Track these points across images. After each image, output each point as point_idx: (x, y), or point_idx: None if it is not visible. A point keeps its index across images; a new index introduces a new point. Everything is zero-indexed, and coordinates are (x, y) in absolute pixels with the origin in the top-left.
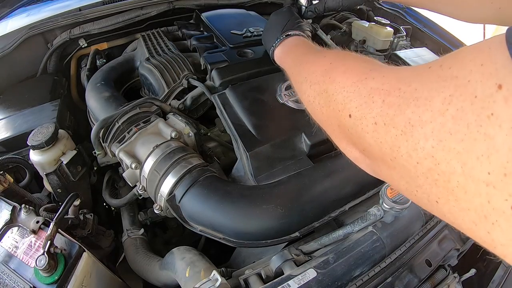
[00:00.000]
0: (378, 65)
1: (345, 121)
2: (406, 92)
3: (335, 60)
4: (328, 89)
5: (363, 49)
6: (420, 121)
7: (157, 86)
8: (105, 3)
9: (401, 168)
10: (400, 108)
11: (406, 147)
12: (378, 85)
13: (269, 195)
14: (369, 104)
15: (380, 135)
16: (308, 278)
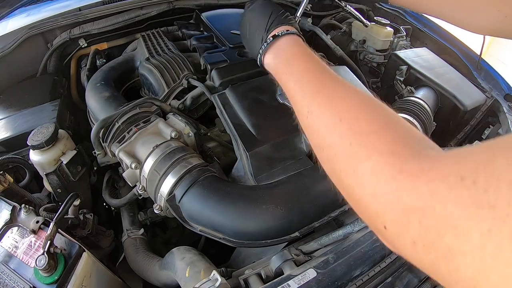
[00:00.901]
0: (409, 157)
1: (381, 229)
2: (442, 215)
3: (358, 141)
4: (354, 187)
5: (363, 49)
6: (460, 250)
7: (157, 86)
8: (105, 3)
9: (441, 279)
10: (439, 234)
11: (446, 268)
12: (412, 200)
13: (269, 195)
14: (405, 224)
15: (419, 254)
16: (308, 278)
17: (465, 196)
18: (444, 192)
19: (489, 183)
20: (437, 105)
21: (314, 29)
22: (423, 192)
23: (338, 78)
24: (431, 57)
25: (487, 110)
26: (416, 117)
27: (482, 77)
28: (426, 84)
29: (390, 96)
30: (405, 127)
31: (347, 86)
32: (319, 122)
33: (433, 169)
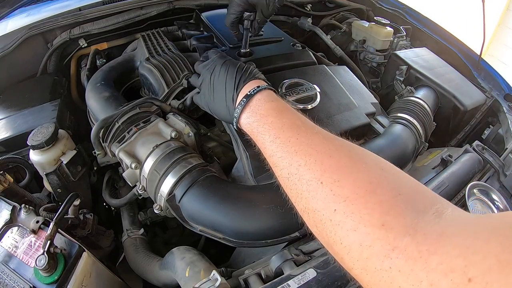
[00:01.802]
0: (402, 231)
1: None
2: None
3: (342, 207)
4: (344, 258)
5: (363, 49)
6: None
7: (157, 86)
8: (105, 3)
9: None
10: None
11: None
12: (407, 285)
13: (269, 195)
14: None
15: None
16: (308, 278)
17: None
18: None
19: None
20: (437, 105)
21: (314, 29)
22: (421, 279)
23: (317, 132)
24: (431, 57)
25: (487, 110)
26: (416, 117)
27: (482, 77)
28: (426, 84)
29: (390, 96)
30: (397, 185)
31: (328, 141)
32: (300, 185)
33: (434, 255)
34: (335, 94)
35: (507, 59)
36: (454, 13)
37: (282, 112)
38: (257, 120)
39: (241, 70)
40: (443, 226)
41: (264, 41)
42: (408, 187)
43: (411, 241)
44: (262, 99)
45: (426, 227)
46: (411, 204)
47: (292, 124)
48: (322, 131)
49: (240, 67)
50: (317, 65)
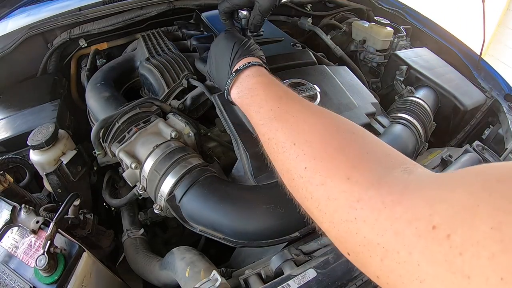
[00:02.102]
0: (367, 184)
1: (346, 254)
2: (407, 262)
3: (311, 165)
4: (313, 212)
5: (363, 49)
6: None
7: (157, 86)
8: (105, 3)
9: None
10: (403, 281)
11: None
12: (373, 235)
13: (269, 195)
14: (366, 257)
15: (384, 286)
16: (308, 278)
17: (436, 251)
18: (411, 237)
19: (466, 246)
20: (437, 105)
21: (314, 29)
22: (385, 228)
23: (297, 101)
24: (431, 57)
25: (487, 110)
26: (416, 117)
27: (482, 77)
28: (426, 84)
29: (390, 96)
30: (366, 145)
31: (305, 107)
32: (277, 148)
33: (399, 205)
34: (335, 94)
35: (507, 59)
36: (454, 13)
37: (267, 85)
38: (246, 94)
39: (239, 45)
40: (410, 180)
41: (264, 41)
42: (378, 148)
43: (376, 193)
44: (251, 75)
45: (392, 181)
46: (379, 162)
47: (275, 95)
48: (303, 100)
49: (238, 42)
50: (317, 65)
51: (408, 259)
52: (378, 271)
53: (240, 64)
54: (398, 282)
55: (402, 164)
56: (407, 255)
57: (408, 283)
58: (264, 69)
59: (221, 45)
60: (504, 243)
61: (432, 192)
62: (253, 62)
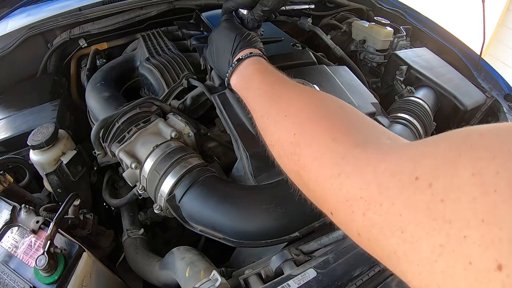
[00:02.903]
0: (352, 144)
1: (329, 214)
2: (389, 213)
3: (300, 130)
4: (301, 174)
5: (363, 49)
6: (406, 257)
7: (157, 86)
8: (105, 3)
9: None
10: (384, 232)
11: (394, 270)
12: (355, 189)
13: (269, 195)
14: (349, 213)
15: (366, 246)
16: (308, 278)
17: (418, 200)
18: (394, 188)
19: (448, 192)
20: (437, 105)
21: (314, 29)
22: (369, 182)
23: (291, 83)
24: (431, 57)
25: (487, 110)
26: (416, 117)
27: (482, 77)
28: (426, 84)
29: (390, 96)
30: (353, 117)
31: (298, 88)
32: (269, 122)
33: (384, 161)
34: (335, 94)
35: (507, 59)
36: (454, 13)
37: (264, 72)
38: (244, 79)
39: (241, 36)
40: (394, 144)
41: (264, 41)
42: (364, 120)
43: (361, 151)
44: (250, 63)
45: (379, 144)
46: (366, 129)
47: (270, 80)
48: (297, 84)
49: (240, 33)
50: (317, 65)
51: (390, 209)
52: (360, 226)
53: (242, 54)
54: (380, 235)
55: (387, 134)
56: (390, 206)
57: (389, 235)
58: (264, 59)
59: (223, 33)
60: (484, 186)
61: (417, 149)
62: (255, 53)
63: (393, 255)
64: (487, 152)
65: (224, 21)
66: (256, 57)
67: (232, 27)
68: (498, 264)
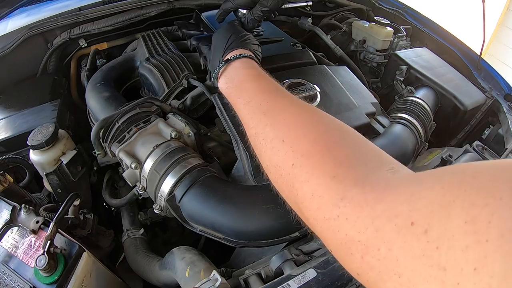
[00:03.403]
0: (352, 183)
1: (329, 250)
2: (386, 258)
3: (299, 162)
4: (300, 208)
5: (363, 49)
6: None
7: (157, 86)
8: (105, 3)
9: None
10: (382, 277)
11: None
12: (354, 232)
13: (269, 195)
14: (347, 255)
15: (364, 284)
16: (308, 278)
17: (414, 246)
18: (390, 234)
19: (442, 240)
20: (437, 105)
21: (314, 29)
22: (366, 226)
23: (286, 97)
24: (431, 57)
25: (487, 110)
26: (416, 117)
27: (482, 77)
28: (426, 84)
29: (390, 96)
30: (355, 145)
31: (294, 104)
32: (265, 143)
33: (380, 202)
34: (335, 94)
35: (507, 59)
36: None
37: (257, 78)
38: (234, 85)
39: (235, 37)
40: (393, 179)
41: (264, 41)
42: (366, 148)
43: (359, 191)
44: (240, 67)
45: (376, 180)
46: (366, 161)
47: (265, 89)
48: (292, 96)
49: (235, 34)
50: (317, 65)
51: (387, 255)
52: (359, 268)
53: (231, 55)
54: (378, 278)
55: (388, 164)
56: (387, 251)
57: (387, 279)
58: (255, 62)
59: (220, 34)
60: (477, 235)
61: (412, 189)
62: (244, 54)
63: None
64: (480, 198)
65: (226, 23)
66: (246, 60)
67: (230, 28)
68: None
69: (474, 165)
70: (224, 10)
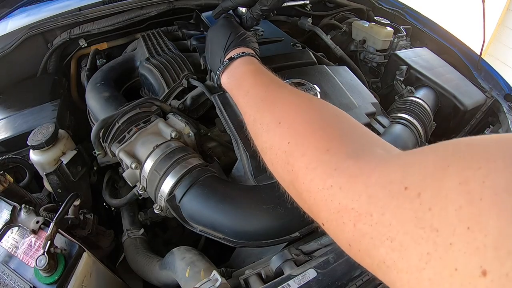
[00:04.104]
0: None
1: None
2: (379, 223)
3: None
4: (294, 184)
5: (363, 49)
6: (395, 265)
7: (157, 86)
8: (105, 3)
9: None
10: (374, 243)
11: (383, 279)
12: (347, 200)
13: (269, 195)
14: (340, 224)
15: (356, 257)
16: (308, 278)
17: (407, 209)
18: (384, 199)
19: (435, 201)
20: (437, 105)
21: (314, 29)
22: (360, 193)
23: (285, 87)
24: (431, 57)
25: (487, 110)
26: (416, 117)
27: (482, 77)
28: (426, 84)
29: (390, 96)
30: (350, 127)
31: (292, 92)
32: (261, 127)
33: (375, 172)
34: (335, 94)
35: (507, 59)
36: (454, 13)
37: (256, 73)
38: (235, 79)
39: (235, 34)
40: (386, 155)
41: (264, 41)
42: (360, 129)
43: (354, 162)
44: (242, 63)
45: (370, 154)
46: (360, 139)
47: (263, 82)
48: (290, 87)
49: (235, 31)
50: (317, 65)
51: (380, 219)
52: (351, 237)
53: (234, 53)
54: (370, 245)
55: (382, 145)
56: (380, 216)
57: (379, 244)
58: (256, 59)
59: (218, 31)
60: (470, 195)
61: (406, 159)
62: (247, 52)
63: (383, 264)
64: (474, 162)
65: (221, 19)
66: (248, 57)
67: (227, 25)
68: (483, 270)
69: (467, 137)
70: (223, 9)
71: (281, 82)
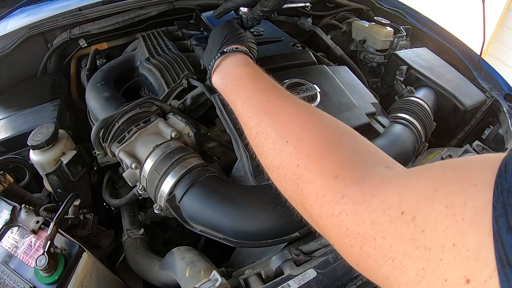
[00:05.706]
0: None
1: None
2: (381, 246)
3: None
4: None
5: (363, 49)
6: (396, 281)
7: (157, 86)
8: (105, 3)
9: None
10: (378, 263)
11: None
12: (353, 226)
13: (269, 195)
14: (348, 247)
15: (364, 274)
16: (308, 278)
17: (404, 232)
18: (384, 224)
19: (427, 224)
20: (437, 105)
21: (314, 29)
22: (364, 220)
23: (286, 96)
24: (431, 57)
25: (487, 110)
26: (416, 117)
27: (482, 77)
28: (426, 84)
29: (390, 96)
30: (354, 145)
31: (295, 104)
32: (267, 143)
33: (375, 197)
34: (335, 94)
35: (507, 59)
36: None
37: (254, 76)
38: (230, 81)
39: (232, 33)
40: (387, 175)
41: (264, 41)
42: (364, 147)
43: (358, 188)
44: (236, 63)
45: (373, 176)
46: (365, 160)
47: (264, 87)
48: (291, 96)
49: (233, 31)
50: (317, 65)
51: (382, 243)
52: (358, 258)
53: (226, 48)
54: (375, 264)
55: (386, 162)
56: (382, 239)
57: (382, 264)
58: (250, 58)
59: (217, 32)
60: (454, 216)
61: (401, 183)
62: (240, 48)
63: (386, 280)
64: (458, 186)
65: (224, 21)
66: (242, 55)
67: (227, 26)
68: (467, 278)
69: (455, 160)
70: (224, 9)
71: (280, 89)
